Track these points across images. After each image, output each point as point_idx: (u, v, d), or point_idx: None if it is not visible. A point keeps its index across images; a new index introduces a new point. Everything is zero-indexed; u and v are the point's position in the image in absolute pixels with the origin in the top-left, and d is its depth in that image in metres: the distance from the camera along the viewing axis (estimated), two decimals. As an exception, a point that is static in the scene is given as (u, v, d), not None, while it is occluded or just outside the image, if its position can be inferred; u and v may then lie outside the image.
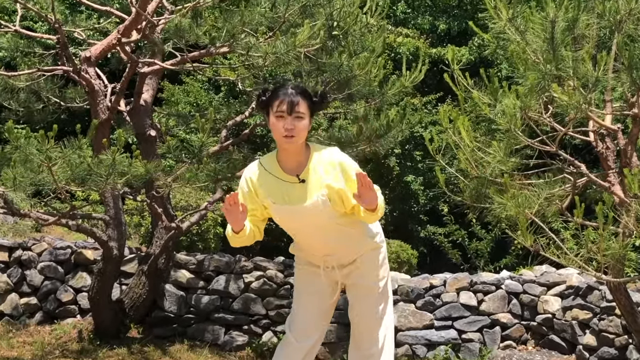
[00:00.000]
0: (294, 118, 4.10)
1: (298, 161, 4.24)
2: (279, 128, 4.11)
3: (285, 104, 4.09)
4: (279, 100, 4.12)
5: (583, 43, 5.33)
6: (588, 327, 7.61)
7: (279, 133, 4.12)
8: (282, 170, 4.25)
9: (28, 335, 7.68)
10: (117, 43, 6.79)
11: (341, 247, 4.41)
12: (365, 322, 4.59)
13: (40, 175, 5.35)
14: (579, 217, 4.70)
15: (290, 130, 4.09)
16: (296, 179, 4.22)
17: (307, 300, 4.61)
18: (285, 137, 4.10)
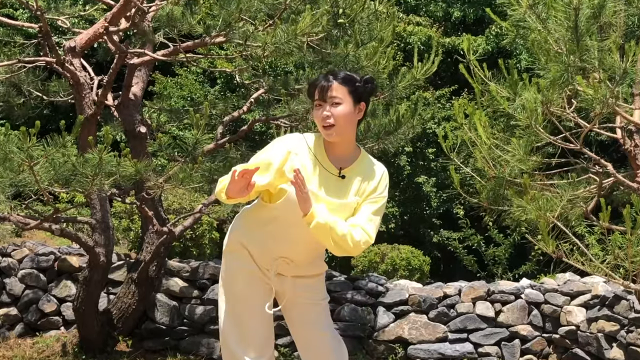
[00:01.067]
0: (330, 105, 4.07)
1: (345, 156, 4.23)
2: (317, 118, 4.12)
3: (319, 90, 4.10)
4: (316, 87, 4.13)
5: (609, 32, 5.33)
6: (615, 340, 7.60)
7: (318, 123, 4.13)
8: (327, 156, 4.21)
9: (7, 348, 7.69)
10: (104, 32, 6.79)
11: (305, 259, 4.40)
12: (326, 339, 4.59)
13: (20, 175, 5.35)
14: (605, 221, 4.69)
15: (326, 118, 4.06)
16: (337, 171, 4.20)
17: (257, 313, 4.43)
18: (324, 127, 4.09)
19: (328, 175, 4.19)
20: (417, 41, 15.07)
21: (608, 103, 4.93)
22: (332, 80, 4.09)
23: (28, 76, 7.90)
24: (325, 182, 4.18)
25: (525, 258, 12.24)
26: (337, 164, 4.21)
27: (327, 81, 4.09)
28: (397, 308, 8.19)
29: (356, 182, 4.21)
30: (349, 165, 4.22)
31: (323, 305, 4.61)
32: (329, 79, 4.11)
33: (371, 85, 4.23)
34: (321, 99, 4.08)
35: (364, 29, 7.08)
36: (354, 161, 4.24)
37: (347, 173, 4.21)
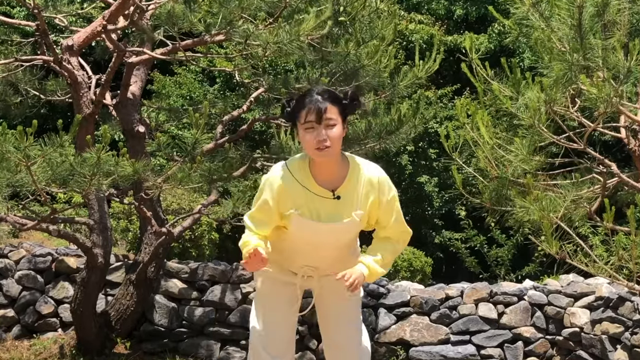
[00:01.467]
0: (325, 127, 4.02)
1: (334, 174, 4.20)
2: (310, 141, 4.03)
3: (314, 112, 4.01)
4: (306, 109, 4.04)
5: (614, 30, 5.33)
6: (619, 342, 7.60)
7: (310, 146, 4.04)
8: (315, 182, 4.18)
9: (4, 350, 7.68)
10: (102, 30, 6.79)
11: (332, 263, 4.44)
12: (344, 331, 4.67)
13: (17, 175, 5.35)
14: (609, 222, 4.70)
15: (322, 141, 4.00)
16: (330, 194, 4.17)
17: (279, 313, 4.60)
18: (318, 149, 4.02)
19: (321, 200, 4.18)
20: (419, 39, 15.08)
21: (612, 102, 4.93)
22: (325, 101, 4.04)
23: (25, 75, 7.90)
24: (321, 208, 4.19)
25: (528, 259, 12.24)
26: (328, 185, 4.19)
27: (321, 102, 4.03)
28: (399, 310, 8.18)
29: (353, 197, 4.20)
30: (341, 183, 4.19)
31: (352, 300, 4.65)
32: (321, 100, 4.04)
33: (357, 102, 4.22)
34: (317, 122, 4.02)
35: (365, 27, 7.08)
36: (345, 177, 4.21)
37: (341, 192, 4.19)
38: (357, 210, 4.18)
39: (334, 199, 4.17)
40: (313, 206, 4.17)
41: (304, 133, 4.06)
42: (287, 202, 4.17)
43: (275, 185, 4.20)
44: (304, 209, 4.17)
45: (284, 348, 4.60)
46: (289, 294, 4.55)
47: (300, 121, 4.06)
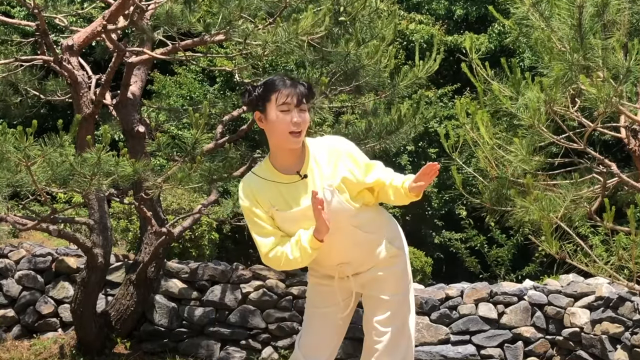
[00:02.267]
0: (300, 111, 4.06)
1: (296, 157, 4.20)
2: (285, 124, 4.03)
3: (294, 95, 4.03)
4: (284, 92, 4.04)
5: (613, 30, 5.33)
6: (619, 342, 7.60)
7: (284, 130, 4.04)
8: (280, 172, 4.19)
9: (4, 350, 7.69)
10: (102, 30, 6.79)
11: (357, 253, 4.33)
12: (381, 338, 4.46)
13: (17, 175, 5.35)
14: (609, 222, 4.70)
15: (299, 124, 4.03)
16: (297, 176, 4.18)
17: (317, 315, 4.56)
18: (292, 133, 4.04)
19: (290, 186, 4.18)
20: (419, 39, 15.06)
21: (612, 102, 4.93)
22: (301, 87, 4.08)
23: (25, 75, 7.91)
24: (291, 194, 4.18)
25: (528, 259, 12.23)
26: (292, 170, 4.19)
27: (299, 87, 4.07)
28: (399, 310, 8.18)
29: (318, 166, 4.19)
30: (303, 164, 4.20)
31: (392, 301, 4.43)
32: (298, 85, 4.08)
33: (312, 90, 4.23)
34: (296, 105, 4.04)
35: (365, 27, 7.08)
36: (304, 157, 4.21)
37: (305, 170, 4.19)
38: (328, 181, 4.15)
39: (302, 180, 4.17)
40: (287, 196, 4.17)
41: (281, 115, 4.04)
42: (265, 204, 4.17)
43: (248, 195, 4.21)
44: (280, 203, 4.16)
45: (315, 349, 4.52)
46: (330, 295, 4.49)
47: (277, 103, 4.04)
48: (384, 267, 4.41)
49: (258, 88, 4.15)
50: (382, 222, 4.45)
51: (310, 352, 4.53)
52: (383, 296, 4.44)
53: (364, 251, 4.36)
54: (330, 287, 4.47)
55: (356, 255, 4.34)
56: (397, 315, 4.46)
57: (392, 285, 4.45)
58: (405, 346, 4.49)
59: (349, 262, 4.36)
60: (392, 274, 4.45)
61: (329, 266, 4.41)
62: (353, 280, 4.41)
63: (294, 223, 4.20)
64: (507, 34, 14.48)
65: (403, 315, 4.50)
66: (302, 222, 4.17)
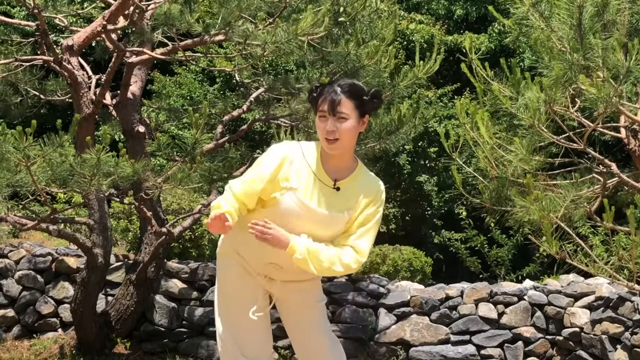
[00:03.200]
0: (336, 119, 4.05)
1: (341, 167, 4.21)
2: (321, 129, 4.09)
3: (327, 103, 4.06)
4: (322, 98, 4.09)
5: (613, 30, 5.33)
6: (619, 342, 7.60)
7: (321, 136, 4.10)
8: (322, 167, 4.20)
9: (4, 350, 7.68)
10: (102, 30, 6.79)
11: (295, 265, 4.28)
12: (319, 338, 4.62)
13: (17, 175, 5.35)
14: (609, 222, 4.70)
15: (331, 132, 4.04)
16: (332, 183, 4.18)
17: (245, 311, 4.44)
18: (327, 140, 4.07)
19: (322, 186, 4.18)
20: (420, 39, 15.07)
21: (612, 102, 4.93)
22: (341, 94, 4.06)
23: (25, 75, 7.91)
24: (317, 193, 4.18)
25: (528, 259, 12.24)
26: (332, 175, 4.20)
27: (336, 94, 4.06)
28: (399, 310, 8.18)
29: (350, 195, 4.19)
30: (345, 178, 4.21)
31: (318, 307, 4.62)
32: (338, 92, 4.07)
33: (378, 100, 4.21)
34: (330, 113, 4.05)
35: (365, 27, 7.08)
36: (350, 174, 4.23)
37: (342, 185, 4.19)
38: (350, 209, 4.17)
39: (334, 189, 4.18)
40: (311, 189, 4.17)
41: (318, 121, 4.12)
42: (288, 176, 4.15)
43: (282, 155, 4.19)
44: (304, 189, 4.16)
45: (261, 349, 4.52)
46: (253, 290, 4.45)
47: (317, 109, 4.13)
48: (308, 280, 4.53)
49: (314, 91, 4.20)
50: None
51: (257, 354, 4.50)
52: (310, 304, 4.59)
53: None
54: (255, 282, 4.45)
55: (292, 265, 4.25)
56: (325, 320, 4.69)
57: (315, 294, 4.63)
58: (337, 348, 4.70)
59: (281, 268, 4.36)
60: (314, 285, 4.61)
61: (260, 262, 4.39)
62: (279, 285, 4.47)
63: (297, 215, 4.17)
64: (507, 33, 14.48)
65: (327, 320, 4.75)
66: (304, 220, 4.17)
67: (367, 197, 4.20)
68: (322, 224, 4.16)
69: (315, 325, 4.60)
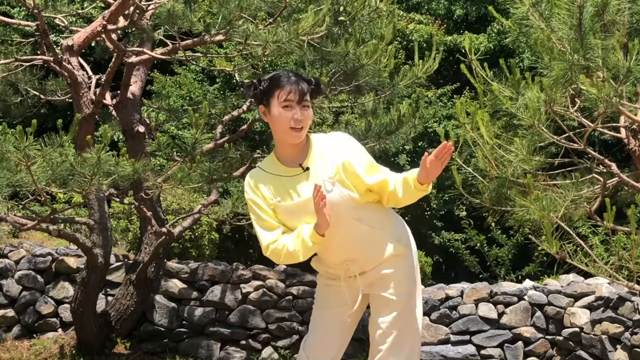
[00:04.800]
0: (301, 107, 4.10)
1: (299, 151, 4.24)
2: (286, 119, 4.08)
3: (296, 92, 4.08)
4: (286, 88, 4.09)
5: (613, 30, 5.33)
6: (619, 342, 7.60)
7: (285, 125, 4.10)
8: (284, 165, 4.24)
9: (4, 350, 7.69)
10: (102, 30, 6.79)
11: (362, 250, 4.31)
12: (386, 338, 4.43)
13: (17, 175, 5.35)
14: (610, 222, 4.70)
15: (300, 121, 4.08)
16: (300, 169, 4.20)
17: (323, 316, 4.55)
18: (293, 129, 4.09)
19: (293, 179, 4.21)
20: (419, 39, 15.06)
21: (612, 102, 4.93)
22: (304, 83, 4.12)
23: (25, 75, 7.91)
24: (298, 187, 4.20)
25: (528, 259, 12.23)
26: (295, 163, 4.23)
27: (301, 84, 4.11)
28: (399, 310, 8.18)
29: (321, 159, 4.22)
30: (306, 157, 4.23)
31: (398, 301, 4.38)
32: (300, 82, 4.12)
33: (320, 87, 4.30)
34: (298, 102, 4.08)
35: (365, 26, 7.08)
36: (308, 151, 4.25)
37: (308, 163, 4.22)
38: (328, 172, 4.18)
39: (304, 172, 4.20)
40: (289, 188, 4.20)
41: (283, 111, 4.10)
42: (268, 196, 4.22)
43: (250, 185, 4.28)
44: (282, 194, 4.20)
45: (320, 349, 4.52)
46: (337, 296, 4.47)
47: (279, 99, 4.10)
48: (390, 265, 4.36)
49: (263, 82, 4.20)
50: (386, 218, 4.44)
51: (315, 353, 4.53)
52: (388, 295, 4.38)
53: (368, 246, 4.33)
54: (338, 288, 4.45)
55: (361, 251, 4.31)
56: (402, 315, 4.41)
57: (398, 284, 4.39)
58: (409, 348, 4.45)
59: (355, 259, 4.33)
60: (398, 272, 4.39)
61: (335, 264, 4.39)
62: (360, 279, 4.39)
63: (296, 216, 4.22)
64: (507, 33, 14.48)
65: (408, 316, 4.44)
66: (303, 216, 4.19)
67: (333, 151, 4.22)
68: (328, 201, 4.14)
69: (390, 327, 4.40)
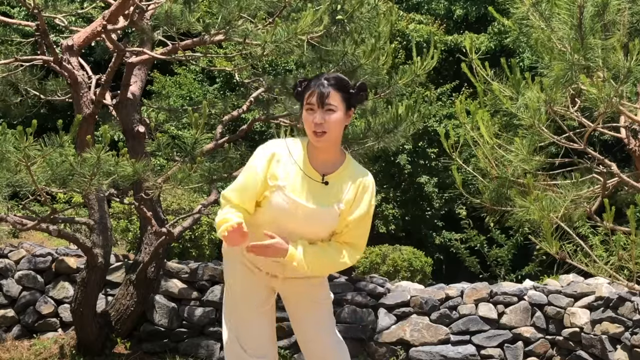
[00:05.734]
0: (324, 111, 4.05)
1: (329, 161, 4.21)
2: (308, 122, 4.08)
3: (315, 95, 4.06)
4: (310, 91, 4.09)
5: (614, 30, 5.33)
6: (619, 342, 7.60)
7: (309, 128, 4.09)
8: (309, 162, 4.20)
9: (4, 350, 7.68)
10: (102, 30, 6.79)
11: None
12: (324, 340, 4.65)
13: (17, 175, 5.34)
14: (609, 222, 4.70)
15: (319, 125, 4.04)
16: (320, 177, 4.18)
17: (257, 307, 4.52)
18: (314, 132, 4.06)
19: (310, 181, 4.18)
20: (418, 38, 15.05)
21: (612, 102, 4.93)
22: (329, 87, 4.07)
23: (25, 75, 7.91)
24: (306, 189, 4.17)
25: (528, 259, 12.25)
26: (320, 170, 4.20)
27: (324, 87, 4.07)
28: (399, 310, 8.19)
29: (340, 188, 4.19)
30: (334, 172, 4.21)
31: (323, 304, 4.61)
32: (326, 85, 4.08)
33: (364, 92, 4.24)
34: (319, 105, 4.05)
35: (364, 25, 7.07)
36: (339, 167, 4.22)
37: (331, 179, 4.19)
38: (340, 203, 4.16)
39: (322, 184, 4.18)
40: (300, 185, 4.17)
41: (306, 114, 4.10)
42: (276, 174, 4.16)
43: (269, 153, 4.20)
44: (290, 184, 4.16)
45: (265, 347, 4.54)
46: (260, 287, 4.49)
47: (305, 102, 4.11)
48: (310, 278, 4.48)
49: (303, 84, 4.20)
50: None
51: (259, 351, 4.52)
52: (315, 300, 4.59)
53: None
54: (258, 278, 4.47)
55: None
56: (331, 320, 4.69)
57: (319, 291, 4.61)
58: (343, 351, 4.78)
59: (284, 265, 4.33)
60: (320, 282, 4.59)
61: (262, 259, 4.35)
62: (281, 281, 4.47)
63: (282, 209, 4.17)
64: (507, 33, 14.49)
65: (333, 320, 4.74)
66: (286, 215, 4.17)
67: (357, 189, 4.20)
68: (313, 219, 4.16)
69: (320, 323, 4.61)
